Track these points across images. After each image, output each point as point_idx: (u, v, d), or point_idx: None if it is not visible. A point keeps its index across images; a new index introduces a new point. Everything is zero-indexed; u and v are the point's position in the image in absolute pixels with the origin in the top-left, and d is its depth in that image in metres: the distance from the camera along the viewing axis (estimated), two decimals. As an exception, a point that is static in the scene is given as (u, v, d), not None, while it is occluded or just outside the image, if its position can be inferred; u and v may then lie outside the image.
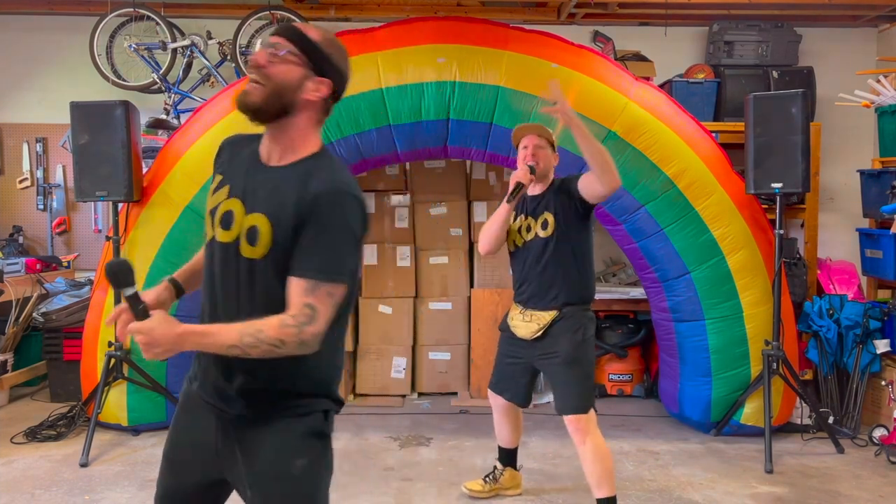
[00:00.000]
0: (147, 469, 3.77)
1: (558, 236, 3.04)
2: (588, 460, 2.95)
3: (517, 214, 3.16)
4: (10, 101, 5.99)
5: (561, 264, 3.05)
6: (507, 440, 3.42)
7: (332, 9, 5.76)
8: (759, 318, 4.13)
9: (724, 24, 5.63)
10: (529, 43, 4.19)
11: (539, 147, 3.12)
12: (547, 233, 3.05)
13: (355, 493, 3.49)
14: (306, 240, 1.59)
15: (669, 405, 4.58)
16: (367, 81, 4.07)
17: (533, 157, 3.08)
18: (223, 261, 1.70)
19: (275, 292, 1.61)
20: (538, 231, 3.07)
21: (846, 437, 4.26)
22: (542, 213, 3.09)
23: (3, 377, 4.89)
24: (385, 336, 5.15)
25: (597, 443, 2.95)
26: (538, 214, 3.09)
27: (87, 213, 6.00)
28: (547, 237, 3.05)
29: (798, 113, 3.97)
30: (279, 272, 1.61)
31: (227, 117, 4.14)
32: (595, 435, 2.96)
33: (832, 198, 5.98)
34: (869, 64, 5.88)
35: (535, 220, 3.10)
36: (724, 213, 4.07)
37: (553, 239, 3.04)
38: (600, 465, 2.94)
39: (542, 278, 3.07)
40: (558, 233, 3.04)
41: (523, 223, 3.13)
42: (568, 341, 3.01)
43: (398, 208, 5.19)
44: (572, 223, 3.06)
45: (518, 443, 3.46)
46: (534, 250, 3.08)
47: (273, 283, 1.62)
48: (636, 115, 4.06)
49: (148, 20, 5.58)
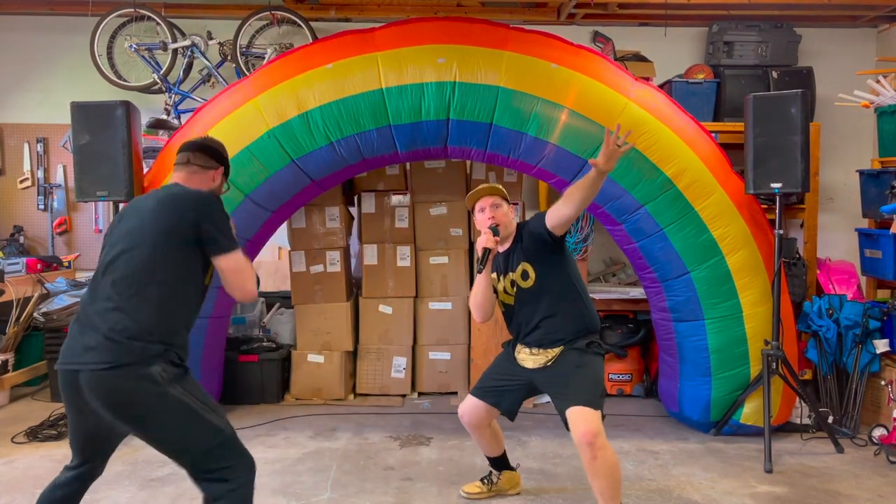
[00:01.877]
0: (148, 469, 3.78)
1: (542, 280, 3.05)
2: (600, 474, 2.78)
3: (498, 277, 3.15)
4: (10, 101, 6.00)
5: (555, 305, 3.04)
6: (491, 450, 3.38)
7: (332, 9, 5.78)
8: (759, 317, 4.14)
9: (724, 24, 5.64)
10: (529, 43, 4.20)
11: (495, 206, 3.12)
12: (529, 282, 3.06)
13: (355, 493, 3.50)
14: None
15: (669, 405, 4.58)
16: (368, 81, 4.08)
17: (493, 220, 3.09)
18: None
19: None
20: (520, 283, 3.08)
21: (846, 436, 4.27)
22: (519, 264, 3.08)
23: (3, 377, 4.90)
24: (385, 336, 5.16)
25: (608, 456, 2.78)
26: (515, 268, 3.09)
27: (87, 213, 6.01)
28: (532, 286, 3.06)
29: (797, 113, 3.98)
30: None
31: (228, 117, 4.15)
32: (605, 448, 2.78)
33: (832, 198, 5.99)
34: (868, 64, 5.89)
35: (515, 275, 3.10)
36: (724, 213, 4.08)
37: (537, 285, 3.05)
38: (611, 481, 2.79)
39: (543, 324, 3.04)
40: (541, 277, 3.05)
41: (506, 282, 3.13)
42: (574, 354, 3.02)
43: (398, 208, 5.19)
44: (550, 261, 3.06)
45: (503, 447, 3.41)
46: (525, 302, 3.08)
47: None
48: (636, 116, 4.06)
49: (148, 20, 5.59)
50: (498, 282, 3.16)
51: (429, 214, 5.20)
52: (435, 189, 5.19)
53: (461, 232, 5.20)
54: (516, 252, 3.11)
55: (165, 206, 2.42)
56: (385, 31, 4.25)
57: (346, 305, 5.09)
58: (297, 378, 5.04)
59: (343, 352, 5.05)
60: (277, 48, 5.56)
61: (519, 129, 4.09)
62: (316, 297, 5.08)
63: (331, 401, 5.01)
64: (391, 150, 4.26)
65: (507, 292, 3.14)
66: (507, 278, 3.12)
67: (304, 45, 4.45)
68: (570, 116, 4.05)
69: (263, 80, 4.20)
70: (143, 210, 2.45)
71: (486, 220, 3.11)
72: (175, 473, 3.72)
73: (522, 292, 3.08)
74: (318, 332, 5.07)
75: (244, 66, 5.58)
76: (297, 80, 4.13)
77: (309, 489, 3.54)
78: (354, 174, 4.64)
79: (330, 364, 5.03)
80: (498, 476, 3.43)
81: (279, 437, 4.29)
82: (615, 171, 4.05)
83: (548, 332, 3.04)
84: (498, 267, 3.17)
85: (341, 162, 4.24)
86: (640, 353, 5.29)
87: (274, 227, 4.53)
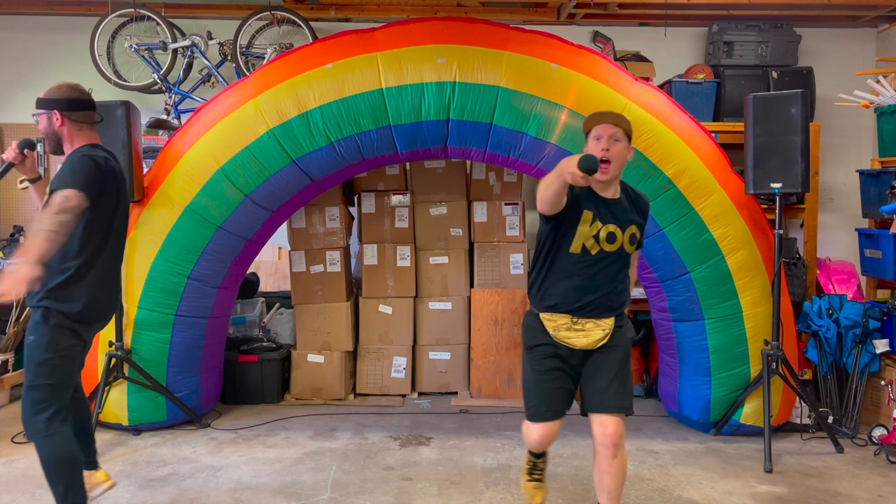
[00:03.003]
0: (148, 469, 3.78)
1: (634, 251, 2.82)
2: (614, 474, 2.68)
3: (595, 216, 2.69)
4: (10, 101, 6.00)
5: (625, 274, 2.82)
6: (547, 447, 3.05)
7: (332, 9, 5.77)
8: (759, 317, 4.14)
9: (724, 24, 5.64)
10: (529, 43, 4.20)
11: (615, 140, 2.68)
12: (633, 248, 2.78)
13: (356, 493, 3.50)
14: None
15: (669, 405, 4.58)
16: (368, 81, 4.08)
17: (606, 153, 2.65)
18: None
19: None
20: (625, 243, 2.73)
21: (845, 436, 4.27)
22: (630, 225, 2.74)
23: (3, 377, 4.90)
24: (385, 336, 5.16)
25: (625, 457, 2.72)
26: (625, 226, 2.73)
27: (87, 213, 6.00)
28: (631, 252, 2.79)
29: (797, 113, 3.98)
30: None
31: (228, 117, 4.15)
32: (624, 449, 2.72)
33: (832, 198, 5.99)
34: (868, 64, 5.89)
35: (620, 231, 2.72)
36: (724, 213, 4.08)
37: (631, 255, 2.80)
38: (623, 480, 2.73)
39: (613, 288, 2.74)
40: (639, 248, 2.84)
41: (603, 229, 2.70)
42: (623, 341, 2.78)
43: (398, 208, 5.19)
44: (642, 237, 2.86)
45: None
46: (612, 262, 2.73)
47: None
48: (636, 116, 4.06)
49: (148, 20, 5.59)
50: (591, 224, 2.68)
51: (429, 214, 5.20)
52: (435, 189, 5.19)
53: (461, 232, 5.20)
54: (628, 210, 2.76)
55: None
56: (385, 31, 4.25)
57: (346, 305, 5.09)
58: (297, 378, 5.04)
59: (343, 352, 5.05)
60: (277, 48, 5.56)
61: (519, 129, 4.09)
62: (316, 297, 5.09)
63: (331, 401, 5.02)
64: (391, 150, 4.26)
65: (597, 240, 2.70)
66: (608, 228, 2.70)
67: (304, 45, 4.45)
68: (570, 116, 4.05)
69: (263, 80, 4.20)
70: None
71: (598, 152, 2.64)
72: (175, 473, 3.73)
73: (621, 252, 2.73)
74: (318, 332, 5.07)
75: (244, 66, 5.58)
76: (297, 80, 4.13)
77: (309, 489, 3.54)
78: (354, 174, 4.64)
79: (330, 364, 5.03)
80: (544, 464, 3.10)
81: (279, 437, 4.29)
82: (615, 171, 4.06)
83: (614, 296, 2.75)
84: (598, 210, 2.70)
85: (341, 162, 4.24)
86: (640, 353, 5.29)
87: (274, 227, 4.53)
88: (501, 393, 5.08)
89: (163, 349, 4.23)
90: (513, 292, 5.08)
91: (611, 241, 2.71)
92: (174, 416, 4.34)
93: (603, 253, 2.71)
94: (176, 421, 4.37)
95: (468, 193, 5.25)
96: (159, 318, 4.19)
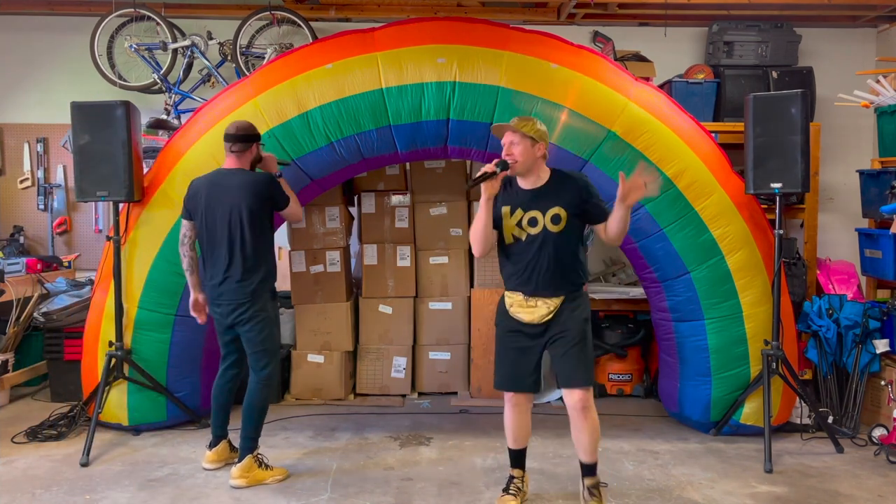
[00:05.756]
0: (147, 468, 3.78)
1: (567, 230, 3.13)
2: (587, 432, 3.14)
3: (514, 208, 3.15)
4: (10, 101, 6.00)
5: (568, 254, 3.14)
6: (522, 439, 3.34)
7: (332, 9, 5.78)
8: (759, 317, 4.14)
9: (724, 24, 5.64)
10: (529, 43, 4.20)
11: (513, 144, 3.11)
12: (559, 227, 3.11)
13: (355, 493, 3.50)
14: None
15: (669, 405, 4.58)
16: (368, 81, 4.08)
17: (509, 156, 3.10)
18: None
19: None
20: (547, 224, 3.11)
21: (846, 436, 4.27)
22: (552, 207, 3.11)
23: (3, 377, 4.90)
24: (385, 336, 5.16)
25: (595, 417, 3.16)
26: (546, 208, 3.11)
27: (87, 213, 6.01)
28: (559, 231, 3.11)
29: (798, 113, 3.98)
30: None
31: (228, 117, 4.15)
32: (593, 410, 3.15)
33: (832, 198, 5.99)
34: (868, 64, 5.89)
35: (541, 214, 3.11)
36: (724, 213, 4.08)
37: (563, 232, 3.12)
38: (596, 436, 3.17)
39: (552, 269, 3.11)
40: (568, 227, 3.13)
41: (524, 216, 3.13)
42: (575, 321, 3.14)
43: (398, 208, 5.19)
44: (577, 221, 3.18)
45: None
46: (542, 243, 3.11)
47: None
48: (636, 116, 4.07)
49: (148, 20, 5.59)
50: (511, 216, 3.14)
51: (429, 214, 5.20)
52: (435, 189, 5.19)
53: (461, 232, 5.20)
54: (549, 195, 3.13)
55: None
56: (385, 31, 4.25)
57: (346, 305, 5.09)
58: (297, 378, 5.04)
59: (343, 352, 5.05)
60: (277, 48, 5.56)
61: (519, 129, 4.09)
62: (316, 297, 5.08)
63: (331, 401, 5.02)
64: (391, 150, 4.26)
65: (520, 226, 3.14)
66: (530, 214, 3.12)
67: (304, 45, 4.45)
68: (569, 116, 4.05)
69: (263, 80, 4.20)
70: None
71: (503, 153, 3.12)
72: (175, 473, 3.73)
73: (546, 233, 3.11)
74: (318, 332, 5.07)
75: (244, 66, 5.58)
76: (297, 80, 4.13)
77: (309, 489, 3.54)
78: (354, 174, 4.64)
79: (330, 364, 5.03)
80: (521, 478, 3.37)
81: (279, 437, 4.29)
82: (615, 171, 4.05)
83: (556, 276, 3.12)
84: (519, 201, 3.15)
85: (341, 162, 4.24)
86: (640, 353, 5.29)
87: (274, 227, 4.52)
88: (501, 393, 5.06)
89: (163, 349, 4.22)
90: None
91: (532, 224, 3.13)
92: (174, 416, 4.34)
93: (531, 237, 3.13)
94: (176, 421, 4.37)
95: (468, 193, 5.24)
96: (159, 318, 4.19)
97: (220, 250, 3.56)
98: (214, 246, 3.58)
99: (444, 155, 4.41)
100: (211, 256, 3.60)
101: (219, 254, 3.56)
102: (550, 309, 3.12)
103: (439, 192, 5.19)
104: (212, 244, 3.59)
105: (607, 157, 4.03)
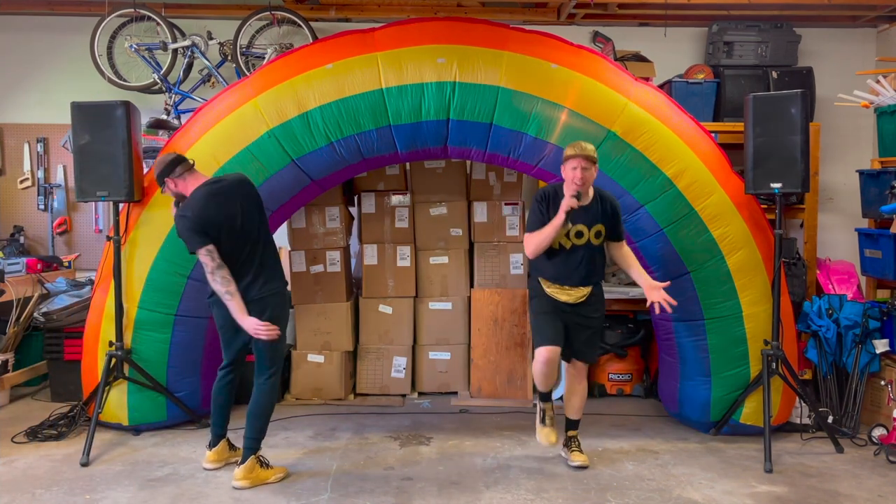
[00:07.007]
0: (147, 468, 3.78)
1: (603, 241, 3.79)
2: (579, 395, 3.91)
3: (566, 222, 3.66)
4: (10, 101, 6.00)
5: (600, 257, 3.82)
6: (551, 384, 3.83)
7: (332, 9, 5.78)
8: (759, 317, 4.14)
9: (724, 24, 5.65)
10: (529, 43, 4.20)
11: (585, 169, 3.60)
12: (600, 241, 3.76)
13: (355, 493, 3.50)
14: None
15: (669, 405, 4.58)
16: (367, 81, 4.08)
17: (582, 181, 3.59)
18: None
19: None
20: (591, 238, 3.72)
21: (845, 436, 4.27)
22: (596, 224, 3.72)
23: (3, 377, 4.90)
24: (385, 336, 5.16)
25: (586, 385, 3.97)
26: (591, 224, 3.71)
27: (87, 213, 6.01)
28: (599, 243, 3.76)
29: (797, 113, 3.98)
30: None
31: (228, 117, 4.15)
32: (586, 379, 3.98)
33: (831, 198, 5.99)
34: (868, 64, 5.89)
35: (587, 229, 3.70)
36: (724, 213, 4.08)
37: (601, 244, 3.78)
38: (584, 398, 3.94)
39: (586, 270, 3.75)
40: (604, 239, 3.79)
41: (572, 229, 3.70)
42: (599, 313, 3.87)
43: (398, 208, 5.19)
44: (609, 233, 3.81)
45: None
46: (583, 251, 3.73)
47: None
48: (636, 116, 4.07)
49: (148, 20, 5.59)
50: (565, 226, 3.66)
51: (429, 214, 5.20)
52: (435, 189, 5.19)
53: (461, 232, 5.20)
54: (594, 212, 3.73)
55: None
56: (385, 31, 4.25)
57: (346, 305, 5.09)
58: (297, 378, 5.04)
59: (343, 352, 5.05)
60: (277, 48, 5.56)
61: (519, 129, 4.09)
62: (316, 297, 5.09)
63: (331, 401, 5.02)
64: (391, 150, 4.26)
65: (568, 237, 3.72)
66: (577, 227, 3.70)
67: (304, 45, 4.45)
68: (569, 116, 4.05)
69: (263, 80, 4.20)
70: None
71: (575, 178, 3.59)
72: (175, 473, 3.73)
73: (589, 244, 3.73)
74: (318, 332, 5.07)
75: (244, 66, 5.58)
76: (297, 80, 4.13)
77: (309, 489, 3.55)
78: (354, 174, 4.64)
79: (330, 364, 5.03)
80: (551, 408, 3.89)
81: (279, 437, 4.29)
82: (615, 171, 4.07)
83: (588, 275, 3.77)
84: (571, 215, 3.65)
85: (341, 162, 4.24)
86: (640, 353, 5.29)
87: (274, 228, 4.53)
88: (501, 393, 5.08)
89: (163, 349, 4.23)
90: (513, 292, 5.09)
91: (579, 237, 3.72)
92: (174, 416, 4.34)
93: (575, 247, 3.73)
94: (176, 421, 4.37)
95: (468, 193, 5.25)
96: (159, 318, 4.19)
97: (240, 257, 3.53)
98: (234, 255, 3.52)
99: (444, 155, 4.41)
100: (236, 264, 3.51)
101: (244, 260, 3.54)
102: (583, 294, 3.76)
103: (439, 192, 5.19)
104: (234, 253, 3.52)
105: (607, 157, 4.03)
